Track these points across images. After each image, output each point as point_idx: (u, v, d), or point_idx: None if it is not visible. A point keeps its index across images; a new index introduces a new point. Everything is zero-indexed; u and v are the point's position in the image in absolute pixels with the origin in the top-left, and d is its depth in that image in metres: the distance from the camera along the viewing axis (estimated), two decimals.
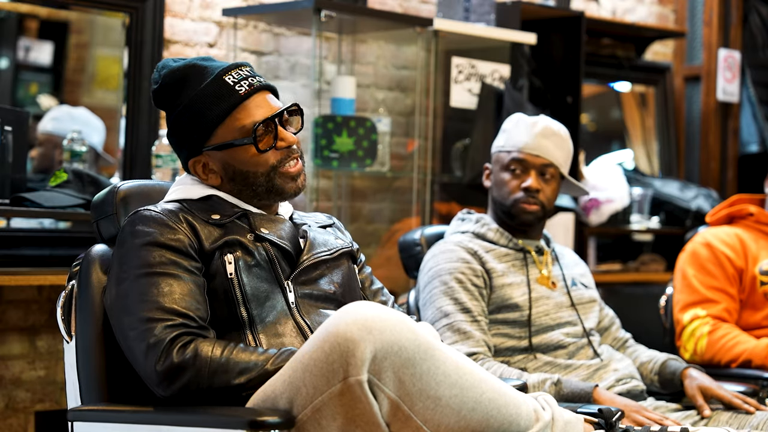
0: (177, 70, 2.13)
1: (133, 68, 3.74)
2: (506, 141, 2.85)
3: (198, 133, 2.12)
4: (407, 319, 1.82)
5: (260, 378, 1.92)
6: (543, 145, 2.82)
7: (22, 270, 3.23)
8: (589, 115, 5.43)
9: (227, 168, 2.14)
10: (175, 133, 2.15)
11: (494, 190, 2.87)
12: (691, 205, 4.93)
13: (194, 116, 2.11)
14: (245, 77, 2.13)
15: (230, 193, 2.16)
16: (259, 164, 2.12)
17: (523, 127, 2.84)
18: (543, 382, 2.60)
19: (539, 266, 2.87)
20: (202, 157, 2.15)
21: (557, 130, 2.85)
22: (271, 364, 1.93)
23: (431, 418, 1.80)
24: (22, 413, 3.58)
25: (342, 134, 3.79)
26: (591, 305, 2.91)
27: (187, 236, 2.03)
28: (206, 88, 2.10)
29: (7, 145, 3.08)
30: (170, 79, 2.13)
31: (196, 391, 1.92)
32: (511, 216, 2.85)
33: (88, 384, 2.12)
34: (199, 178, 2.17)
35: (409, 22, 4.05)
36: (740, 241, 3.39)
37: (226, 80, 2.11)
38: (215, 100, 2.09)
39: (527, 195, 2.81)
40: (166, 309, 1.94)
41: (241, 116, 2.11)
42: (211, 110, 2.09)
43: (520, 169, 2.82)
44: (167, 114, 2.16)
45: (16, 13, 3.79)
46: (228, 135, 2.11)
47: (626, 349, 2.96)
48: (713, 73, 5.33)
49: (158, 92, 2.15)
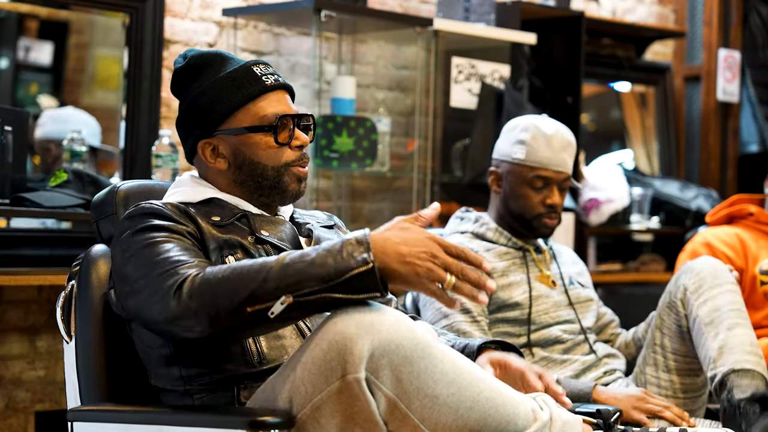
0: (206, 54, 2.16)
1: (133, 68, 3.74)
2: (527, 155, 2.83)
3: (217, 113, 2.12)
4: (405, 317, 1.82)
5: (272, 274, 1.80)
6: (563, 159, 2.84)
7: (22, 270, 3.23)
8: (589, 115, 5.43)
9: (238, 154, 2.14)
10: (191, 112, 2.14)
11: (510, 201, 2.86)
12: (691, 205, 4.93)
13: (216, 96, 2.11)
14: (271, 73, 2.16)
15: (233, 183, 2.16)
16: (271, 158, 2.13)
17: (543, 141, 2.82)
18: None
19: (539, 265, 2.88)
20: (213, 139, 2.14)
21: (570, 140, 2.87)
22: (277, 262, 1.82)
23: (429, 416, 1.81)
24: (22, 413, 3.58)
25: (342, 134, 3.79)
26: (588, 304, 2.93)
27: (189, 227, 2.02)
28: (234, 72, 2.13)
29: (7, 145, 3.08)
30: (196, 61, 2.15)
31: (216, 307, 1.82)
32: (531, 228, 2.86)
33: (88, 384, 2.12)
34: (205, 162, 2.16)
35: (409, 22, 4.05)
36: (740, 241, 3.39)
37: (253, 69, 2.14)
38: (241, 84, 2.12)
39: (550, 211, 2.84)
40: (179, 260, 1.90)
41: (263, 105, 2.12)
42: (235, 93, 2.11)
43: (543, 185, 2.83)
44: (185, 95, 2.16)
45: (16, 13, 3.79)
46: (246, 121, 2.12)
47: (619, 337, 2.97)
48: (713, 73, 5.34)
49: (182, 71, 2.16)
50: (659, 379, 2.72)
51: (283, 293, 1.79)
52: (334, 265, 1.79)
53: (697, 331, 2.63)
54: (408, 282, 1.79)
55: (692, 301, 2.65)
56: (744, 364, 2.51)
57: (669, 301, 2.72)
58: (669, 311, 2.72)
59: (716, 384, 2.53)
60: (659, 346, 2.73)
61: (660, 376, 2.72)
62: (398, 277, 1.79)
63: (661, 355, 2.73)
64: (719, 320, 2.59)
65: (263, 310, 1.80)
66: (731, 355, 2.53)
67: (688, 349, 2.69)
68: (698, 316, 2.62)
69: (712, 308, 2.61)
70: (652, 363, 2.74)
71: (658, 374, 2.73)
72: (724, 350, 2.54)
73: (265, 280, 1.80)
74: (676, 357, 2.71)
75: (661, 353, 2.73)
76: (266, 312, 1.80)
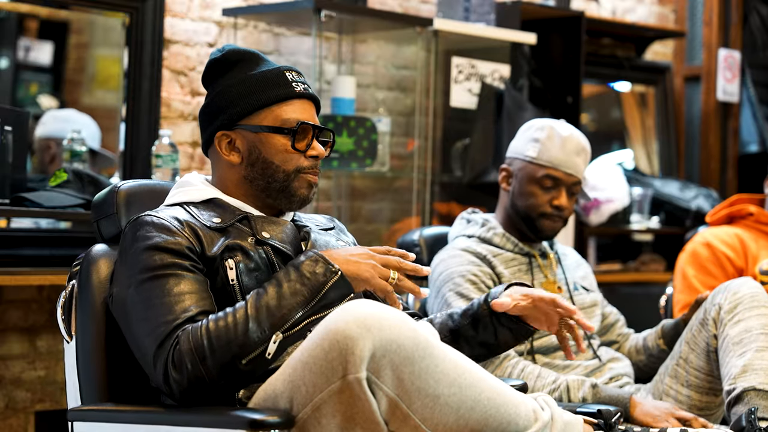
0: (243, 51, 2.20)
1: (133, 68, 3.74)
2: (540, 154, 2.82)
3: (241, 107, 2.14)
4: (406, 317, 1.82)
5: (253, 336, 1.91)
6: (576, 163, 2.84)
7: (22, 270, 3.23)
8: (589, 115, 5.43)
9: (253, 151, 2.15)
10: (216, 103, 2.16)
11: (517, 198, 2.85)
12: (691, 205, 4.93)
13: (245, 91, 2.14)
14: (302, 81, 2.19)
15: (242, 179, 2.17)
16: (287, 161, 2.14)
17: (558, 141, 2.82)
18: (581, 383, 2.61)
19: (545, 271, 2.87)
20: (232, 132, 2.16)
21: (585, 146, 2.86)
22: (251, 310, 1.92)
23: (430, 416, 1.81)
24: (22, 413, 3.58)
25: (342, 134, 3.79)
26: (592, 309, 2.91)
27: (188, 240, 2.03)
28: (266, 72, 2.16)
29: (7, 145, 3.08)
30: (233, 56, 2.18)
31: (204, 381, 1.90)
32: (534, 228, 2.85)
33: (88, 384, 2.12)
34: (219, 153, 2.17)
35: (409, 22, 4.05)
36: (740, 241, 3.39)
37: (285, 74, 2.17)
38: (271, 85, 2.14)
39: (556, 212, 2.83)
40: (173, 310, 1.94)
41: (288, 109, 2.15)
42: (263, 92, 2.14)
43: (552, 185, 2.83)
44: (214, 86, 2.18)
45: (16, 13, 3.79)
46: (269, 120, 2.14)
47: (629, 339, 2.96)
48: (713, 73, 5.33)
49: (216, 62, 2.19)
50: (678, 393, 2.69)
51: (271, 334, 1.90)
52: (306, 289, 1.93)
53: (724, 350, 2.56)
54: (365, 281, 1.99)
55: (725, 320, 2.59)
56: (767, 387, 2.44)
57: (703, 318, 2.67)
58: (701, 328, 2.67)
59: (733, 397, 2.46)
60: (684, 360, 2.69)
61: (679, 390, 2.69)
62: (354, 278, 1.98)
63: (683, 369, 2.69)
64: (748, 341, 2.53)
65: (258, 356, 1.90)
66: (755, 375, 2.46)
67: (712, 368, 2.65)
68: (728, 335, 2.56)
69: (744, 329, 2.55)
70: (674, 375, 2.71)
71: (678, 387, 2.69)
72: (748, 369, 2.47)
73: (247, 332, 1.89)
74: (698, 374, 2.67)
75: (685, 367, 2.69)
76: (263, 356, 1.91)
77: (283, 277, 1.95)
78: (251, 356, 1.89)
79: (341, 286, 1.96)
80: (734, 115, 5.41)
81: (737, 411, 2.42)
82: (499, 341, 2.25)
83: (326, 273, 1.94)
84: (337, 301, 1.96)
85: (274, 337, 1.90)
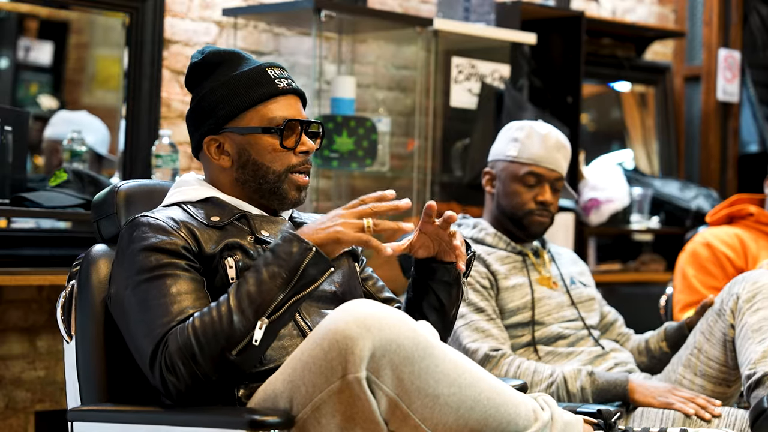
0: (223, 51, 2.18)
1: (133, 68, 3.74)
2: (520, 152, 2.85)
3: (227, 110, 2.13)
4: (406, 317, 1.82)
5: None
6: (556, 158, 2.86)
7: (22, 270, 3.23)
8: (589, 115, 5.43)
9: (242, 153, 2.14)
10: (201, 107, 2.15)
11: (502, 198, 2.88)
12: (691, 205, 4.93)
13: (229, 93, 2.12)
14: (285, 77, 2.17)
15: (235, 182, 2.16)
16: (276, 161, 2.13)
17: (537, 139, 2.85)
18: (578, 373, 2.62)
19: (538, 268, 2.89)
20: (220, 136, 2.15)
21: (564, 143, 2.89)
22: (233, 299, 1.91)
23: (429, 416, 1.81)
24: (22, 413, 3.58)
25: (342, 134, 3.79)
26: (591, 303, 2.94)
27: (185, 239, 2.03)
28: (248, 72, 2.14)
29: (7, 145, 3.08)
30: (213, 57, 2.16)
31: (199, 379, 1.90)
32: (522, 226, 2.87)
33: (88, 384, 2.12)
34: (209, 158, 2.17)
35: (409, 22, 4.05)
36: (740, 241, 3.39)
37: (267, 72, 2.15)
38: (254, 84, 2.13)
39: (542, 208, 2.85)
40: (169, 312, 1.94)
41: (273, 108, 2.13)
42: (247, 92, 2.12)
43: (535, 182, 2.85)
44: (198, 90, 2.17)
45: (16, 13, 3.79)
46: (255, 121, 2.13)
47: (630, 339, 2.97)
48: (713, 73, 5.33)
49: (197, 66, 2.17)
50: (691, 383, 2.69)
51: (256, 321, 1.89)
52: (284, 270, 1.90)
53: (743, 337, 2.56)
54: (339, 241, 1.92)
55: (744, 309, 2.58)
56: None
57: (719, 309, 2.66)
58: (717, 318, 2.66)
59: (753, 381, 2.45)
60: (699, 350, 2.69)
61: (692, 379, 2.69)
62: (329, 244, 1.93)
63: (697, 359, 2.69)
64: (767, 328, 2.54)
65: (246, 345, 1.88)
66: None
67: (726, 359, 2.64)
68: (747, 323, 2.56)
69: (763, 317, 2.54)
70: (688, 365, 2.71)
71: (691, 377, 2.69)
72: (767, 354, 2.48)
73: (232, 323, 1.88)
74: (712, 364, 2.67)
75: (699, 357, 2.69)
76: (251, 344, 1.88)
77: (262, 263, 1.93)
78: (240, 346, 1.88)
79: (318, 261, 1.91)
80: (734, 115, 5.41)
81: (758, 394, 2.42)
82: (440, 299, 2.17)
83: (301, 251, 1.90)
84: (318, 275, 1.92)
85: (260, 323, 1.88)
